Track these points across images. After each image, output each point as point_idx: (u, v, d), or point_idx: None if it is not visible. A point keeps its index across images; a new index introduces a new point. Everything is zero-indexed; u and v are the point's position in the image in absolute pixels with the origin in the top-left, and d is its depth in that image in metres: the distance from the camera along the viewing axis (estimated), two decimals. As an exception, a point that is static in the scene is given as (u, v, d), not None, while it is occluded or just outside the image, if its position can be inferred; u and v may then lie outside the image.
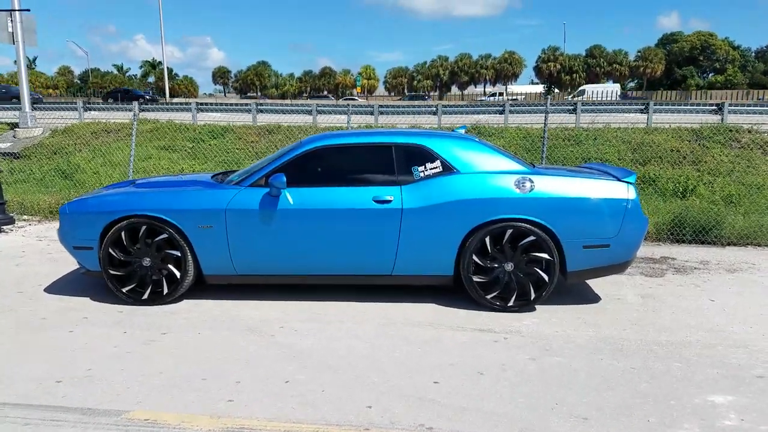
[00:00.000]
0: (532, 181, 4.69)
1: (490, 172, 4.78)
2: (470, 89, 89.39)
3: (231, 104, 20.03)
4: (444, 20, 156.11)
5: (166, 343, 4.16)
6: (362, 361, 3.85)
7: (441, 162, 4.82)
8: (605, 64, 78.48)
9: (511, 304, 4.75)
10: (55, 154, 15.25)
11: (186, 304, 4.99)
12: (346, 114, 17.92)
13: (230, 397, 3.36)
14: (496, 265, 4.75)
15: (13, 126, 16.90)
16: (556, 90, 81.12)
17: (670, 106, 16.77)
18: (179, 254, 4.87)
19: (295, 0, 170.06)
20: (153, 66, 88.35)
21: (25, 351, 4.03)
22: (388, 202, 4.72)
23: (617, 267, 4.86)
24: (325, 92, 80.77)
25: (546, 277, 4.70)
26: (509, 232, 4.67)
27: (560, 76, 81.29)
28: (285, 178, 4.69)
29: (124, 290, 4.94)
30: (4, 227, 7.96)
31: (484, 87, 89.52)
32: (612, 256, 4.74)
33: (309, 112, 17.10)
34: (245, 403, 3.29)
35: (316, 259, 4.86)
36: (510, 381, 3.56)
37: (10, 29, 15.36)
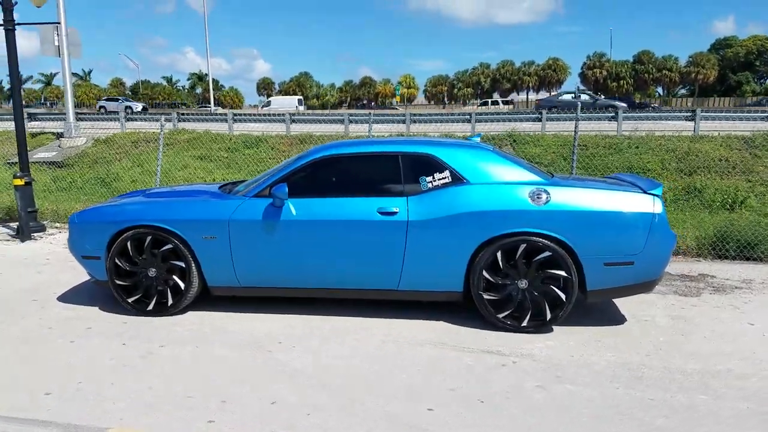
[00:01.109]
0: (548, 193, 4.40)
1: (502, 183, 4.52)
2: (512, 96, 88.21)
3: (266, 115, 20.19)
4: (486, 28, 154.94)
5: (162, 357, 4.05)
6: (357, 382, 3.65)
7: (450, 172, 4.59)
8: (654, 70, 76.18)
9: (524, 324, 4.46)
10: (96, 163, 15.63)
11: (190, 315, 4.90)
12: (380, 123, 17.88)
13: (212, 418, 3.21)
14: (508, 282, 4.47)
15: (59, 135, 17.43)
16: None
17: (718, 113, 15.99)
18: (184, 265, 4.79)
19: (338, 12, 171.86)
20: (200, 78, 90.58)
21: (24, 361, 4.00)
22: (394, 213, 4.52)
23: (643, 286, 4.51)
24: (365, 101, 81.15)
25: (563, 296, 4.40)
26: (523, 246, 4.39)
27: (607, 82, 79.34)
28: (287, 189, 4.54)
29: (129, 300, 4.89)
30: (34, 234, 8.11)
31: (527, 94, 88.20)
32: (636, 274, 4.40)
33: (341, 122, 17.04)
34: (228, 426, 3.13)
35: (318, 272, 4.70)
36: (512, 411, 3.30)
37: (56, 43, 15.88)
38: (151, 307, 4.87)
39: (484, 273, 4.47)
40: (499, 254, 4.43)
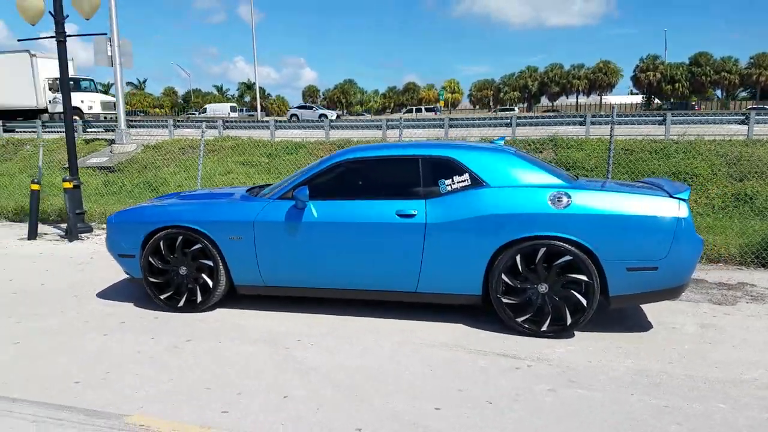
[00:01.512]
0: (569, 196, 4.36)
1: (522, 186, 4.50)
2: (561, 100, 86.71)
3: (307, 122, 20.53)
4: (536, 31, 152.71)
5: (186, 351, 4.22)
6: (368, 381, 3.71)
7: (470, 175, 4.60)
8: (712, 72, 73.47)
9: (544, 329, 4.43)
10: (145, 168, 16.24)
11: (218, 313, 5.06)
12: (418, 128, 17.92)
13: (226, 409, 3.33)
14: (528, 286, 4.45)
15: (111, 142, 18.19)
16: (657, 101, 76.98)
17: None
18: (212, 264, 4.96)
19: (384, 19, 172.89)
20: (248, 86, 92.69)
21: (58, 351, 4.23)
22: (412, 216, 4.56)
23: (668, 292, 4.41)
24: (409, 107, 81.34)
25: (584, 301, 4.34)
26: (543, 250, 4.36)
27: (661, 85, 77.01)
28: (308, 191, 4.65)
29: (162, 297, 5.10)
30: (82, 235, 8.51)
31: (577, 98, 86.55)
32: (661, 280, 4.30)
33: (379, 127, 17.16)
34: (238, 416, 3.25)
35: (338, 273, 4.78)
36: (518, 413, 3.29)
37: (109, 53, 16.62)
38: (181, 303, 5.06)
39: (503, 276, 4.45)
40: (518, 258, 4.41)
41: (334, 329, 4.66)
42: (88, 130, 20.54)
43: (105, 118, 24.97)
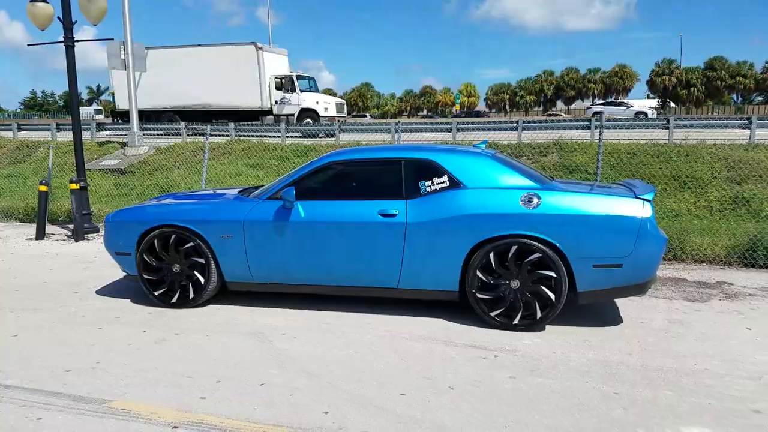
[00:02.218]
0: (539, 197, 4.56)
1: (497, 188, 4.72)
2: (576, 104, 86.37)
3: (317, 126, 20.85)
4: (555, 35, 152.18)
5: (174, 343, 4.48)
6: (342, 370, 3.93)
7: (448, 177, 4.82)
8: (727, 77, 72.85)
9: (516, 322, 4.63)
10: (156, 170, 16.61)
11: (209, 308, 5.33)
12: (429, 132, 18.15)
13: (204, 395, 3.58)
14: (501, 283, 4.65)
15: (123, 144, 18.63)
16: (672, 104, 76.45)
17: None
18: (204, 262, 5.22)
19: (402, 22, 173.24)
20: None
21: (54, 342, 4.51)
22: (394, 215, 4.79)
23: (634, 288, 4.59)
24: (425, 111, 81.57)
25: (553, 297, 4.54)
26: (514, 248, 4.57)
27: (676, 90, 76.49)
28: (294, 191, 4.90)
29: (156, 293, 5.37)
30: (88, 235, 8.85)
31: (592, 101, 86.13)
32: (626, 276, 4.49)
33: (388, 131, 17.40)
34: (215, 401, 3.49)
35: (324, 270, 5.02)
36: (477, 398, 3.50)
37: (122, 57, 17.08)
38: (174, 299, 5.33)
39: (478, 273, 4.67)
40: (492, 255, 4.62)
41: (319, 323, 4.90)
42: (101, 132, 20.93)
43: (339, 121, 22.22)
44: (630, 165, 12.71)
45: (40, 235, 8.95)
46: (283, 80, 23.74)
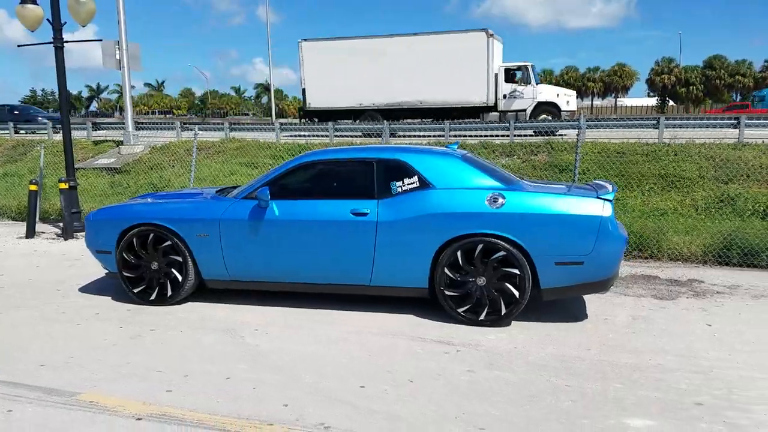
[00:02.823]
0: (504, 197, 4.69)
1: (464, 188, 4.84)
2: (576, 102, 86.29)
3: (314, 125, 20.96)
4: (556, 33, 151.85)
5: (148, 339, 4.61)
6: (308, 365, 4.06)
7: (418, 177, 4.95)
8: (726, 75, 72.82)
9: (482, 318, 4.76)
10: (151, 169, 16.73)
11: (187, 305, 5.46)
12: (420, 132, 18.24)
13: (170, 388, 3.71)
14: (468, 280, 4.78)
15: (119, 143, 18.77)
16: (672, 103, 76.47)
17: (764, 120, 15.45)
18: (181, 260, 5.35)
19: (402, 19, 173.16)
20: (266, 88, 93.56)
21: (33, 338, 4.65)
22: (365, 215, 4.91)
23: (596, 285, 4.72)
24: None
25: (517, 293, 4.67)
26: (480, 246, 4.70)
27: (675, 88, 76.47)
28: (269, 191, 5.03)
29: (135, 291, 5.50)
30: (77, 234, 8.98)
31: (592, 100, 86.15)
32: (587, 273, 4.62)
33: (380, 135, 17.50)
34: (180, 394, 3.62)
35: (298, 268, 5.15)
36: (434, 390, 3.63)
37: (117, 56, 17.19)
38: (153, 297, 5.46)
39: (446, 271, 4.80)
40: (459, 253, 4.75)
41: (292, 320, 5.03)
42: (97, 131, 21.03)
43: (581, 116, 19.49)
44: (619, 164, 12.81)
45: (30, 233, 9.09)
46: (517, 71, 20.58)
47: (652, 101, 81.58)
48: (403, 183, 4.97)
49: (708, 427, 3.17)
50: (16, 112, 26.16)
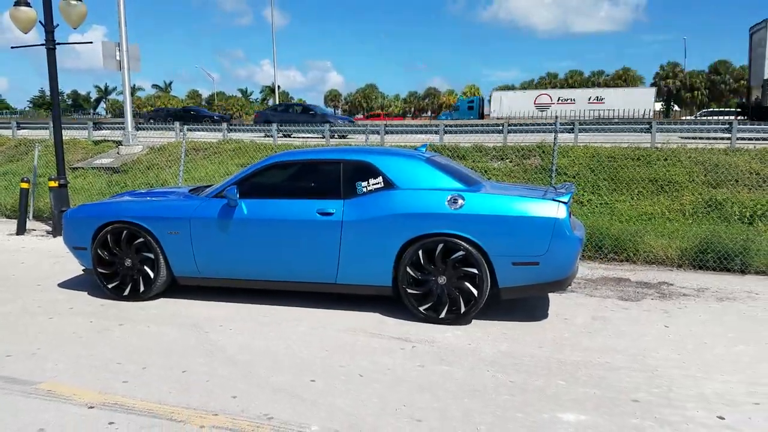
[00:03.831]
0: (463, 198, 4.80)
1: (426, 189, 4.96)
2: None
3: (312, 126, 21.16)
4: (563, 37, 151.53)
5: (115, 333, 4.75)
6: (265, 359, 4.18)
7: (383, 178, 5.06)
8: (731, 80, 72.58)
9: (442, 316, 4.87)
10: (148, 169, 16.92)
11: (159, 301, 5.59)
12: (419, 133, 18.39)
13: (127, 379, 3.84)
14: (429, 278, 4.89)
15: (118, 144, 18.99)
16: (677, 108, 76.26)
17: (755, 126, 15.49)
18: (153, 256, 5.48)
19: (410, 23, 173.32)
20: (272, 90, 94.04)
21: (4, 330, 4.79)
22: (331, 214, 5.04)
23: (552, 284, 4.83)
24: (429, 112, 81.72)
25: (475, 292, 4.78)
26: (441, 246, 4.81)
27: (680, 93, 76.31)
28: (236, 190, 5.17)
29: (109, 286, 5.64)
30: (66, 231, 9.14)
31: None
32: (543, 273, 4.72)
33: (377, 132, 17.65)
34: (136, 385, 3.75)
35: (266, 266, 5.27)
36: (381, 383, 3.74)
37: (117, 57, 17.42)
38: (126, 292, 5.60)
39: (408, 269, 4.91)
40: (420, 253, 4.86)
41: (258, 316, 5.15)
42: (97, 131, 21.26)
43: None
44: (609, 168, 12.88)
45: (21, 230, 9.27)
46: None
47: (657, 106, 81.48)
48: (368, 183, 5.09)
49: (639, 422, 3.27)
50: (311, 112, 26.79)
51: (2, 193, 13.35)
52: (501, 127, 17.59)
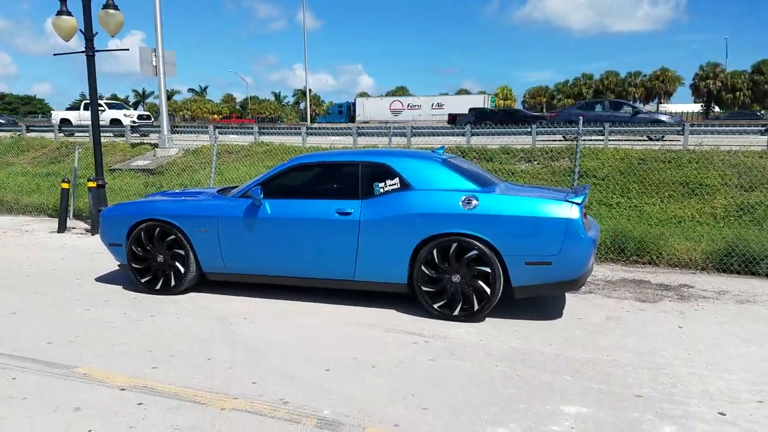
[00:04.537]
0: (477, 199, 4.95)
1: (441, 190, 5.12)
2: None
3: (340, 128, 21.48)
4: (599, 37, 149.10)
5: (147, 323, 5.04)
6: (281, 350, 4.41)
7: (400, 179, 5.25)
8: (775, 80, 70.51)
9: (456, 313, 5.02)
10: (183, 171, 17.46)
11: (189, 296, 5.88)
12: (444, 135, 18.53)
13: (157, 365, 4.10)
14: (443, 277, 5.05)
15: (155, 146, 19.61)
16: (717, 109, 74.42)
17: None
18: (183, 253, 5.78)
19: (442, 25, 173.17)
20: (304, 93, 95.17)
21: (44, 320, 5.13)
22: (349, 214, 5.25)
23: (566, 284, 4.93)
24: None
25: (488, 290, 4.92)
26: (455, 245, 4.96)
27: (721, 94, 74.43)
28: (260, 190, 5.42)
29: (142, 281, 5.96)
30: (104, 229, 9.57)
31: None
32: (556, 273, 4.83)
33: (404, 135, 17.83)
34: (164, 371, 4.01)
35: (288, 262, 5.51)
36: (392, 375, 3.92)
37: (153, 63, 18.02)
38: (158, 286, 5.91)
39: (423, 268, 5.08)
40: (435, 252, 5.03)
41: (281, 311, 5.39)
42: (134, 134, 21.93)
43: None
44: (639, 171, 12.81)
45: (61, 228, 9.74)
46: None
47: (696, 107, 79.67)
48: (385, 184, 5.28)
49: (639, 416, 3.37)
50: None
51: (45, 193, 13.97)
52: (529, 130, 17.56)
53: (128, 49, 10.34)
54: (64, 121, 26.85)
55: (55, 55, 31.06)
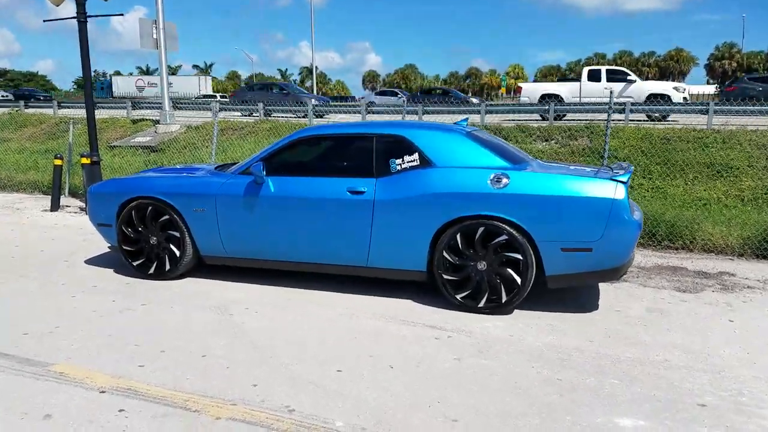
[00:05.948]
0: (508, 177, 4.39)
1: (467, 167, 4.56)
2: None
3: (352, 105, 20.85)
4: (612, 16, 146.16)
5: (137, 313, 4.54)
6: (290, 345, 3.90)
7: (419, 155, 4.69)
8: (790, 60, 69.04)
9: (481, 305, 4.49)
10: (185, 148, 16.91)
11: (185, 281, 5.38)
12: (459, 114, 17.89)
13: (143, 363, 3.60)
14: (468, 264, 4.51)
15: (156, 122, 19.03)
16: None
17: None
18: (178, 234, 5.26)
19: (453, 3, 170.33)
20: (310, 71, 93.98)
21: (26, 307, 4.64)
22: (362, 193, 4.70)
23: (606, 273, 4.38)
24: (469, 94, 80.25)
25: (518, 280, 4.38)
26: (481, 229, 4.42)
27: (736, 75, 72.95)
28: (262, 167, 4.87)
29: (134, 264, 5.45)
30: (99, 208, 9.07)
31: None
32: (596, 260, 4.28)
33: (415, 112, 17.20)
34: (151, 369, 3.51)
35: (293, 246, 4.98)
36: (413, 376, 3.41)
37: (154, 36, 17.36)
38: (151, 271, 5.40)
39: (445, 254, 4.54)
40: (459, 236, 4.49)
41: (285, 299, 4.88)
42: (135, 111, 21.36)
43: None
44: (663, 151, 12.19)
45: (55, 207, 9.25)
46: None
47: (711, 88, 78.30)
48: (402, 160, 4.72)
49: (707, 431, 2.85)
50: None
51: (42, 171, 13.46)
52: (546, 107, 16.91)
53: (122, 14, 9.74)
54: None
55: (44, 21, 29.51)
